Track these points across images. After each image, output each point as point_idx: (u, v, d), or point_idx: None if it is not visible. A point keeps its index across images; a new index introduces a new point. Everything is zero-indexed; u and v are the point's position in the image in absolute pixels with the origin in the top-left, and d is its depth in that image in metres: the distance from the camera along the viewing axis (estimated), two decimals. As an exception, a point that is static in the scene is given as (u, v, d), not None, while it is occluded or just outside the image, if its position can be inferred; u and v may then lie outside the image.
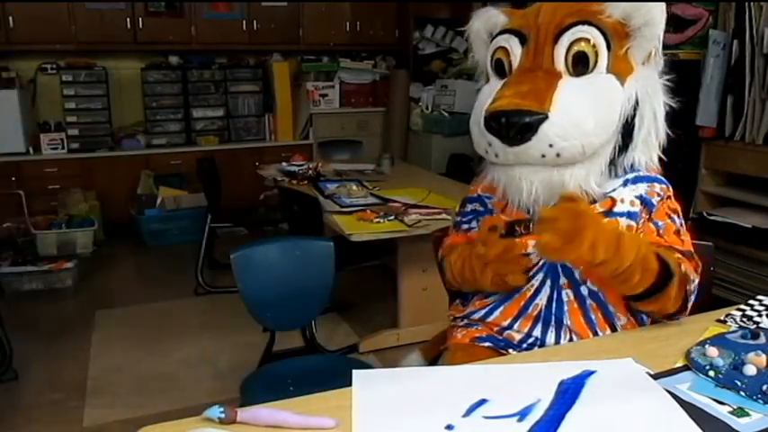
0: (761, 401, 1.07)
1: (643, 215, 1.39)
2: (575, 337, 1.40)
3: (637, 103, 1.35)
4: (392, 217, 2.88)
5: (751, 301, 1.53)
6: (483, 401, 1.09)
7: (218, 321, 3.51)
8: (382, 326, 3.22)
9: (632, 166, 1.40)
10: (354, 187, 3.44)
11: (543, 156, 1.28)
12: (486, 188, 1.53)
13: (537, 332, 1.41)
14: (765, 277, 3.10)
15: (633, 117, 1.35)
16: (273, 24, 5.50)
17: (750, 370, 1.13)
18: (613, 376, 1.16)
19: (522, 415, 1.04)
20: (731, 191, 3.41)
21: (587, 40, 1.32)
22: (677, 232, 1.40)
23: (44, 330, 3.43)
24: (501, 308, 1.46)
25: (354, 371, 1.19)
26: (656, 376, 1.17)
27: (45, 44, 4.86)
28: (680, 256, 1.35)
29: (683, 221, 1.43)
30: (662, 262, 1.29)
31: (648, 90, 1.37)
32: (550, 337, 1.40)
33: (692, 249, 1.41)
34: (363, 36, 5.84)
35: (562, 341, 1.40)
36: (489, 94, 1.37)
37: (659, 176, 1.45)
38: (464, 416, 1.05)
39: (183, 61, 5.45)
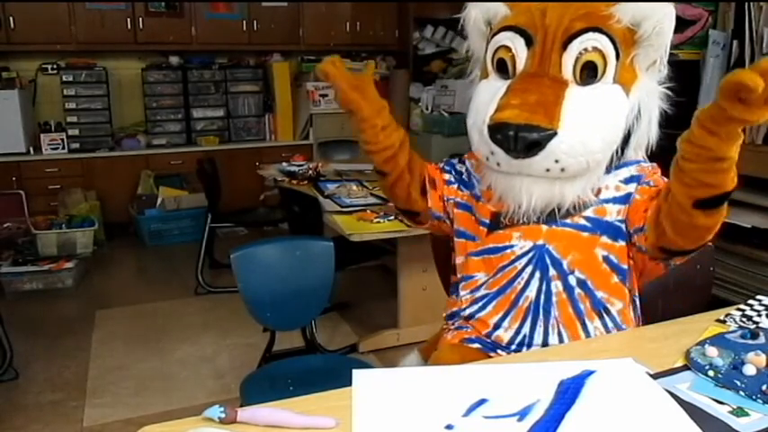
0: (760, 401, 1.08)
1: (641, 190, 1.36)
2: (562, 331, 1.40)
3: (639, 112, 1.34)
4: (392, 217, 2.88)
5: (750, 301, 1.53)
6: (483, 401, 1.09)
7: (219, 321, 3.52)
8: (382, 326, 3.22)
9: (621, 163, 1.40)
10: (354, 187, 3.44)
11: (548, 170, 1.27)
12: (477, 166, 1.51)
13: (526, 329, 1.41)
14: (765, 277, 3.10)
15: (634, 124, 1.34)
16: (273, 25, 5.51)
17: (750, 370, 1.13)
18: (613, 376, 1.16)
19: (522, 415, 1.05)
20: (731, 191, 3.41)
21: (597, 50, 1.28)
22: None
23: (44, 330, 3.43)
24: (493, 302, 1.44)
25: (354, 370, 1.19)
26: (655, 376, 1.17)
27: (45, 44, 4.86)
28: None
29: None
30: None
31: (648, 97, 1.36)
32: (538, 333, 1.40)
33: None
34: (363, 36, 5.85)
35: (550, 337, 1.40)
36: (491, 95, 1.32)
37: (644, 159, 1.43)
38: (464, 415, 1.05)
39: (183, 61, 5.46)
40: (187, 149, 5.32)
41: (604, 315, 1.41)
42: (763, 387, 1.09)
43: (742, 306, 1.51)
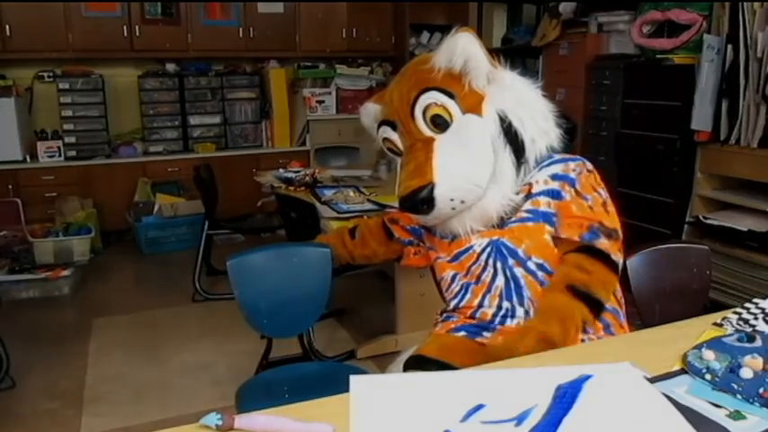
0: (757, 404, 1.08)
1: (567, 189, 1.56)
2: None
3: (505, 116, 1.53)
4: (389, 223, 2.87)
5: (747, 305, 1.53)
6: (480, 406, 1.09)
7: (216, 328, 3.51)
8: (380, 332, 3.21)
9: (543, 155, 1.59)
10: (351, 193, 3.44)
11: (453, 208, 1.51)
12: None
13: (506, 303, 1.57)
14: (761, 280, 3.11)
15: (510, 126, 1.54)
16: (270, 31, 5.52)
17: (746, 373, 1.13)
18: (610, 380, 1.16)
19: (520, 420, 1.05)
20: (727, 194, 3.42)
21: (434, 104, 1.55)
22: (604, 204, 1.56)
23: (41, 339, 3.42)
24: (471, 289, 1.63)
25: (352, 376, 1.19)
26: (653, 380, 1.17)
27: (42, 52, 4.86)
28: (605, 241, 1.50)
29: (607, 194, 1.59)
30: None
31: (507, 97, 1.55)
32: (518, 307, 1.55)
33: (617, 224, 1.55)
34: (360, 42, 5.86)
35: (531, 309, 1.55)
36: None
37: (574, 156, 1.63)
38: (462, 421, 1.05)
39: (179, 68, 5.46)
40: (184, 156, 5.32)
41: None
42: (761, 390, 1.09)
43: (739, 309, 1.51)
